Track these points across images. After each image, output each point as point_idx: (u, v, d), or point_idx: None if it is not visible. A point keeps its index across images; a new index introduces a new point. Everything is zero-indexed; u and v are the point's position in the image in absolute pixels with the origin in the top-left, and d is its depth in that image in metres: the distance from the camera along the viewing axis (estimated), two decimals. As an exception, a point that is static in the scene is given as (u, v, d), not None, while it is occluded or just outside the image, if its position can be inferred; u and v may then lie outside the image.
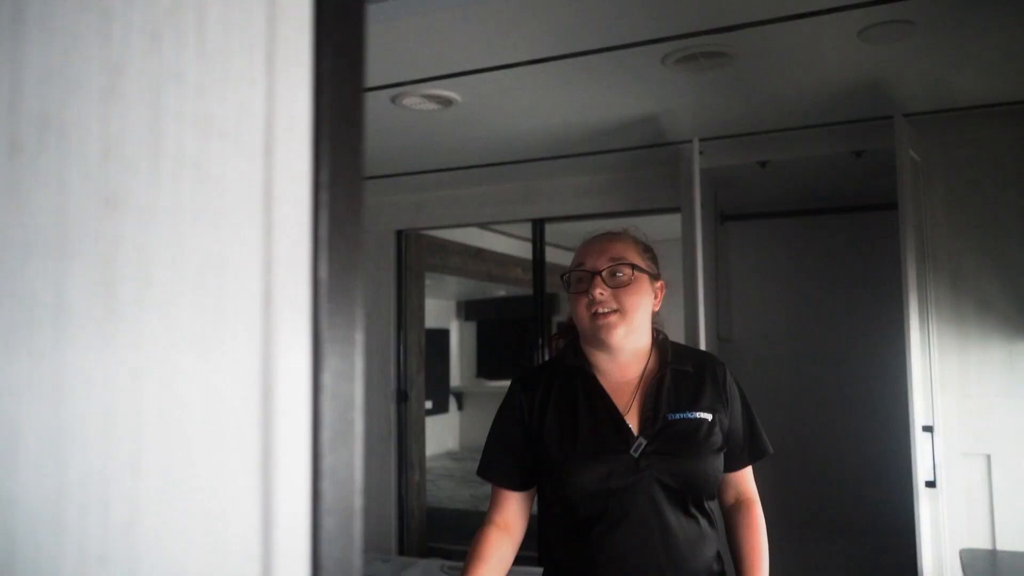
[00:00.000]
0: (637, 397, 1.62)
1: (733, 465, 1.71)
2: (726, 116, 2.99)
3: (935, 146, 2.98)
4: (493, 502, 1.67)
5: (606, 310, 1.58)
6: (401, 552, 4.10)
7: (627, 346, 1.62)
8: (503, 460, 1.66)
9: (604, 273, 1.59)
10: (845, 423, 3.79)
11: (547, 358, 1.74)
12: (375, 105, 2.84)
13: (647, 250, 1.72)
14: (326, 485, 0.47)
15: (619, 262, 1.61)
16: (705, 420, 1.60)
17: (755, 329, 4.10)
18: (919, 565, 2.54)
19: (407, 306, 4.34)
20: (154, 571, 0.36)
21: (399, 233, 4.26)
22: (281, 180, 0.44)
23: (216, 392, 0.39)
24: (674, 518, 1.52)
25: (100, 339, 0.34)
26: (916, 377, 2.60)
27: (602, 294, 1.58)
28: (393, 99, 2.78)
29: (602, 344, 1.61)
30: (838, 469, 3.80)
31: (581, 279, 1.63)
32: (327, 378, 0.47)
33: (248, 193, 0.42)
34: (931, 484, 2.60)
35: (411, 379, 4.34)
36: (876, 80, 2.62)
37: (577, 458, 1.54)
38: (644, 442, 1.54)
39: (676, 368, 1.65)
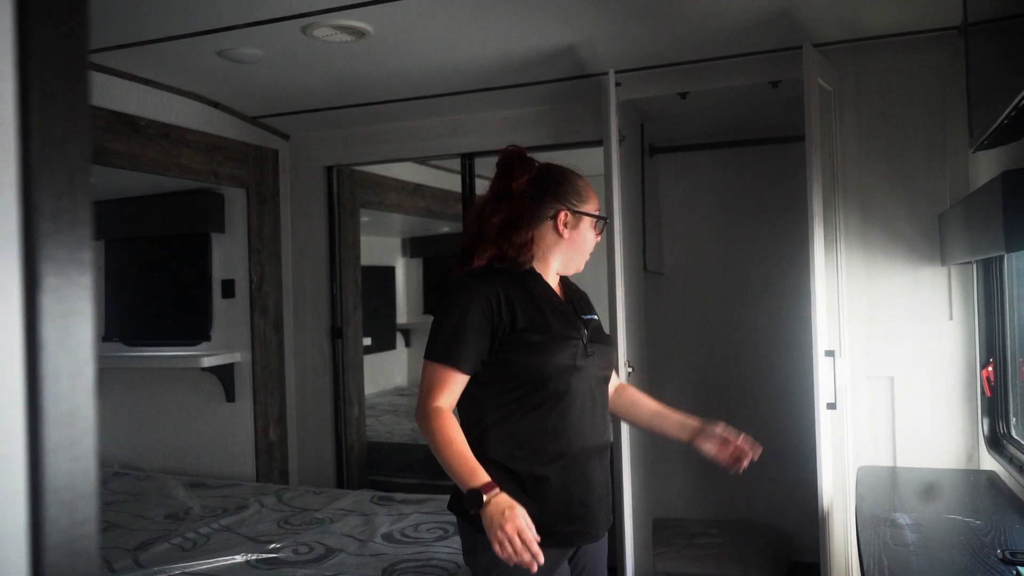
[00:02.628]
0: (564, 300, 1.95)
1: None
2: (642, 47, 2.98)
3: (848, 76, 3.02)
4: (446, 388, 1.78)
5: None
6: (340, 485, 4.18)
7: None
8: (473, 347, 1.79)
9: None
10: (766, 349, 3.92)
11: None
12: (285, 36, 2.78)
13: None
14: (48, 397, 0.49)
15: None
16: (597, 319, 2.00)
17: (685, 260, 4.17)
18: (819, 482, 2.67)
19: (341, 243, 4.32)
20: None
21: (329, 169, 4.21)
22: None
23: None
24: (603, 392, 1.92)
25: None
26: (819, 304, 2.68)
27: None
28: (303, 29, 2.72)
29: (576, 271, 1.99)
30: (757, 393, 3.94)
31: (603, 224, 1.98)
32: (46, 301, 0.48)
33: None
34: (832, 406, 2.71)
35: (347, 316, 4.35)
36: (787, 9, 2.63)
37: (554, 340, 1.81)
38: (587, 333, 1.89)
39: (568, 282, 2.02)
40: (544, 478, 1.78)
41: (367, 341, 4.88)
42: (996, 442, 2.66)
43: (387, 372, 7.12)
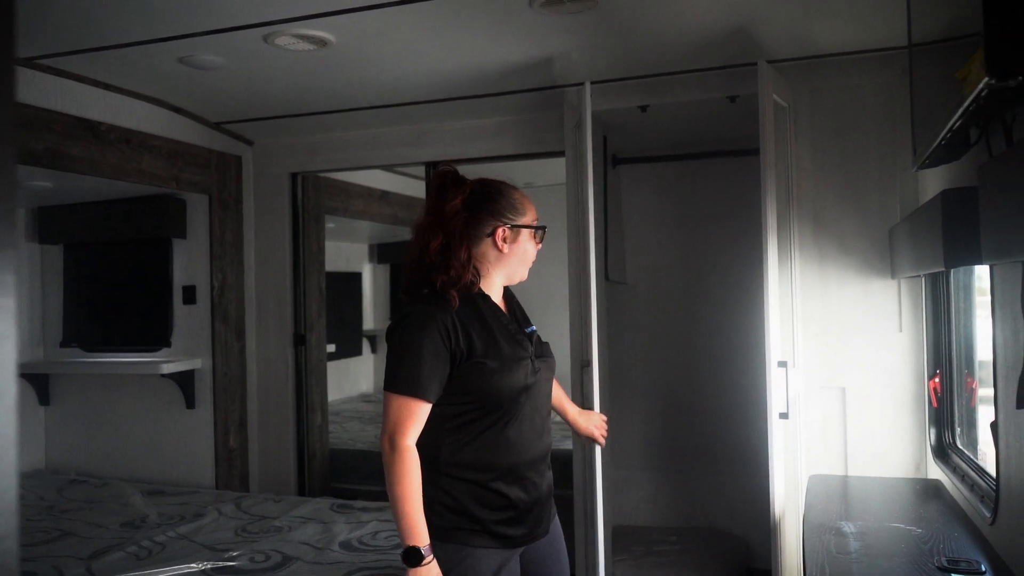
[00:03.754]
0: (509, 316, 1.99)
1: None
2: (604, 61, 3.02)
3: (802, 92, 3.08)
4: (413, 420, 1.79)
5: None
6: (301, 493, 4.16)
7: None
8: (436, 375, 1.81)
9: None
10: (724, 359, 3.98)
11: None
12: (246, 44, 2.78)
13: None
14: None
15: None
16: (536, 330, 2.04)
17: (647, 271, 4.22)
18: (771, 490, 2.72)
19: (305, 249, 4.31)
20: None
21: (293, 176, 4.20)
22: None
23: None
24: (547, 402, 2.01)
25: None
26: (773, 316, 2.74)
27: None
28: (265, 38, 2.72)
29: (519, 281, 2.02)
30: (715, 402, 4.00)
31: (542, 233, 2.00)
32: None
33: None
34: (784, 416, 2.76)
35: (311, 323, 4.34)
36: (743, 26, 2.68)
37: (507, 364, 1.86)
38: (532, 348, 1.95)
39: (511, 294, 2.07)
40: (495, 489, 1.85)
41: (331, 347, 4.87)
42: (942, 452, 2.73)
43: (352, 378, 7.10)
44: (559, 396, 2.24)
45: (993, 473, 1.97)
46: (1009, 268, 1.71)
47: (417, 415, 1.79)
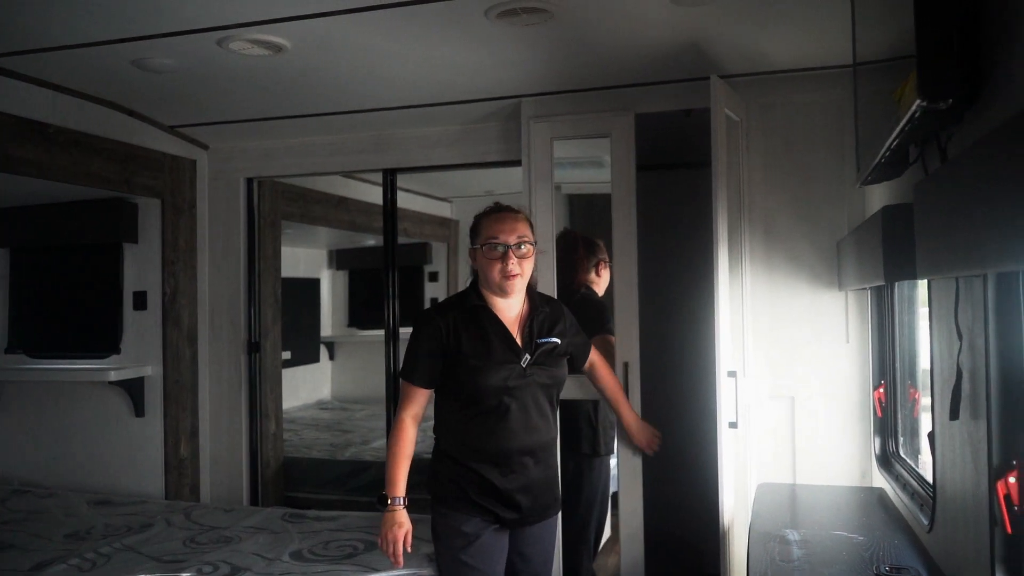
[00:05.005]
0: (521, 328, 2.45)
1: (581, 359, 2.79)
2: (560, 72, 3.05)
3: (754, 107, 3.14)
4: (409, 398, 2.43)
5: (513, 273, 2.36)
6: (254, 502, 4.10)
7: (518, 294, 2.46)
8: (426, 367, 2.40)
9: (513, 247, 2.36)
10: (677, 368, 4.02)
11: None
12: (200, 48, 2.74)
13: (531, 224, 2.50)
14: None
15: (523, 239, 2.39)
16: (558, 343, 2.49)
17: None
18: (720, 499, 2.75)
19: (261, 256, 4.26)
20: None
21: (249, 181, 4.15)
22: None
23: None
24: (542, 404, 2.43)
25: None
26: (723, 326, 2.78)
27: (514, 264, 2.35)
28: (219, 42, 2.69)
29: (505, 294, 2.42)
30: (669, 410, 4.02)
31: (495, 248, 2.35)
32: None
33: None
34: (733, 425, 2.81)
35: (266, 329, 4.29)
36: (695, 41, 2.73)
37: (488, 366, 2.33)
38: (528, 357, 2.39)
39: (541, 308, 2.51)
40: (476, 471, 2.36)
41: (287, 354, 4.82)
42: (885, 460, 2.79)
43: (310, 385, 7.03)
44: (617, 398, 2.93)
45: (931, 481, 2.03)
46: (944, 283, 1.76)
47: (411, 396, 2.42)
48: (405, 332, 3.12)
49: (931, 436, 1.96)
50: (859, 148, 2.23)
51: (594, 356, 2.84)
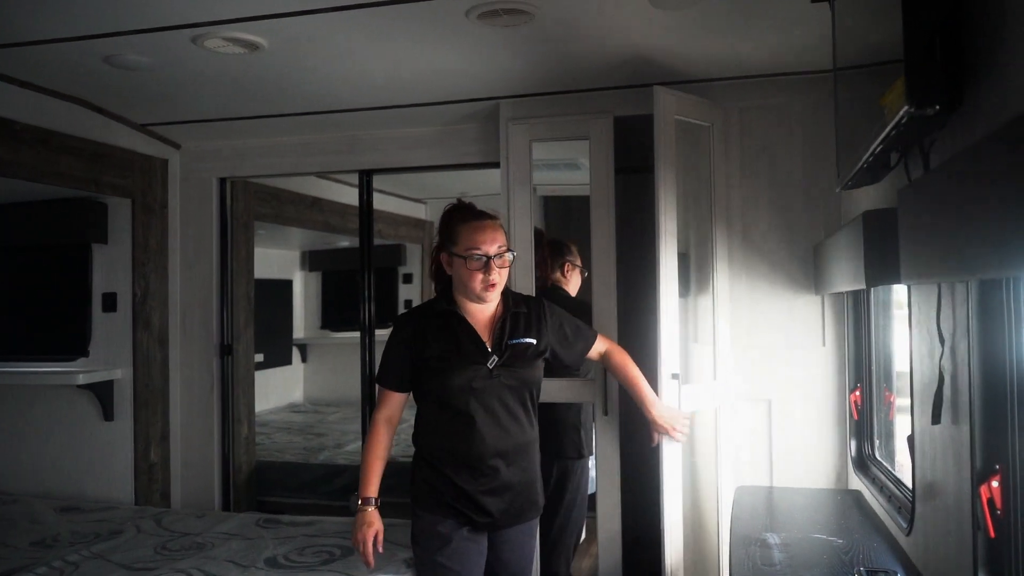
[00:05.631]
0: (492, 329, 2.44)
1: (577, 351, 2.65)
2: (532, 75, 3.04)
3: (732, 111, 3.15)
4: (383, 401, 2.49)
5: (494, 283, 2.37)
6: (226, 508, 4.04)
7: (495, 300, 2.46)
8: (395, 372, 2.46)
9: (495, 258, 2.36)
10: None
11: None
12: (174, 45, 2.69)
13: (506, 233, 2.52)
14: None
15: (503, 249, 2.40)
16: (532, 343, 2.46)
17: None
18: (662, 502, 2.85)
19: (233, 257, 4.19)
20: None
21: (222, 181, 4.09)
22: None
23: None
24: (512, 407, 2.41)
25: None
26: (666, 329, 2.80)
27: (495, 275, 2.36)
28: (194, 40, 2.64)
29: (482, 301, 2.43)
30: (624, 416, 4.03)
31: (477, 259, 2.35)
32: None
33: None
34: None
35: (238, 332, 4.23)
36: (670, 46, 2.73)
37: (452, 368, 2.35)
38: (496, 359, 2.38)
39: (514, 310, 2.48)
40: (445, 473, 2.38)
41: (259, 357, 4.75)
42: (862, 463, 2.81)
43: (282, 388, 6.94)
44: (635, 384, 2.73)
45: (909, 484, 2.04)
46: (925, 288, 1.78)
47: (384, 399, 2.49)
48: (380, 334, 3.09)
49: (910, 440, 1.97)
50: (839, 153, 2.24)
51: (603, 344, 2.74)
